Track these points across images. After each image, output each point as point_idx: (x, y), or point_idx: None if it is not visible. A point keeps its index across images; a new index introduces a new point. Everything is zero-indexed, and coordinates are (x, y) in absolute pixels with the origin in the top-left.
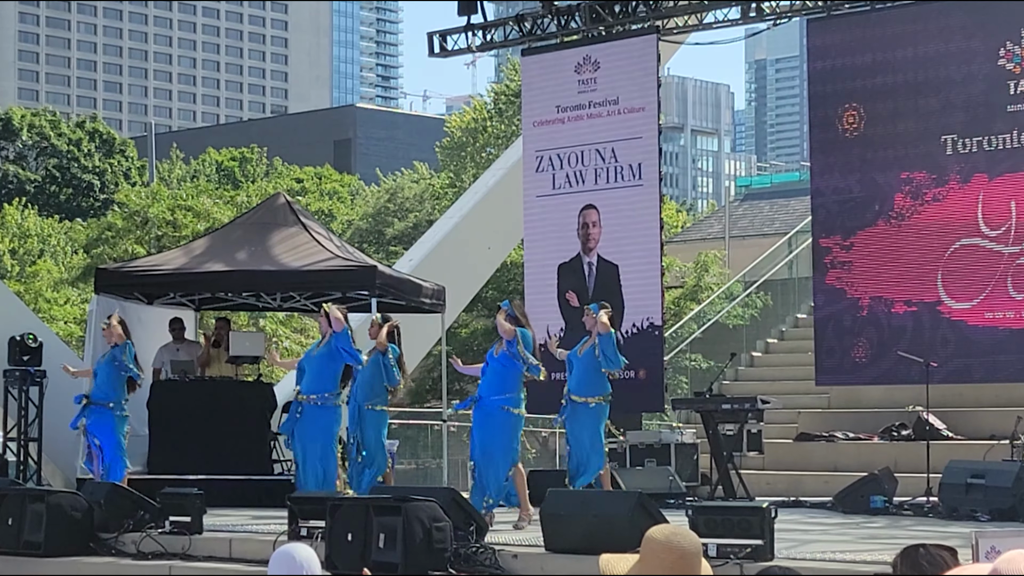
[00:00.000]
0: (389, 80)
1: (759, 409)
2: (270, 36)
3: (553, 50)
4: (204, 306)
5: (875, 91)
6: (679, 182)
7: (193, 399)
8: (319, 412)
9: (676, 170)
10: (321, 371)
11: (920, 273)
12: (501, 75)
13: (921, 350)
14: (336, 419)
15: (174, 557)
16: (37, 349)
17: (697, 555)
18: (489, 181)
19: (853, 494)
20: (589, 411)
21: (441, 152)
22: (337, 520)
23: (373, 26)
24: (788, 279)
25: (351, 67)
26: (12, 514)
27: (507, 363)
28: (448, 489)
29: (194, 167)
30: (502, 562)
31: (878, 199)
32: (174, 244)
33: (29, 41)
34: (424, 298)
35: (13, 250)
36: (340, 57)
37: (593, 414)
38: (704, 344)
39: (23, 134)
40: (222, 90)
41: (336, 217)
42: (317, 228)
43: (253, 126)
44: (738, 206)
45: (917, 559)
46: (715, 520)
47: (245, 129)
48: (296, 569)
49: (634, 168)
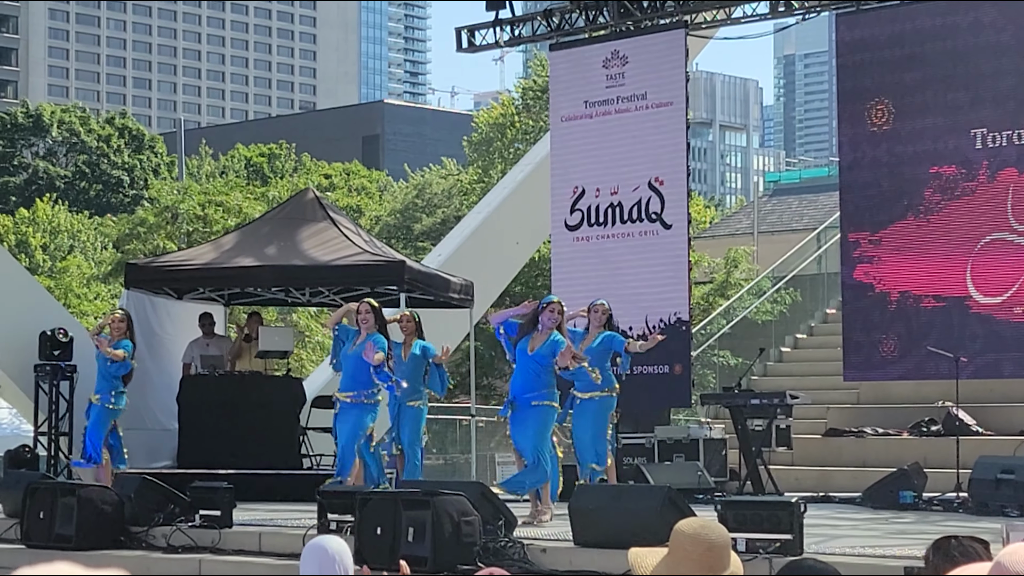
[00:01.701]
0: (417, 76)
1: (788, 404)
2: (298, 32)
3: (581, 45)
4: (234, 301)
5: (904, 85)
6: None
7: (222, 394)
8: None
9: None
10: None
11: (949, 268)
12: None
13: (950, 345)
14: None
15: (204, 551)
16: (68, 344)
17: (726, 549)
18: (517, 176)
19: (882, 490)
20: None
21: (469, 148)
22: (366, 514)
23: (401, 22)
24: (817, 274)
25: (379, 63)
26: (43, 508)
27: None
28: (477, 483)
29: (223, 163)
30: (531, 556)
31: (907, 194)
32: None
33: (59, 38)
34: (453, 293)
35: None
36: (368, 53)
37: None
38: (732, 340)
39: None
40: (251, 86)
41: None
42: (346, 223)
43: (281, 122)
44: (766, 201)
45: (949, 551)
46: (744, 515)
47: (273, 125)
48: (328, 561)
49: (662, 164)
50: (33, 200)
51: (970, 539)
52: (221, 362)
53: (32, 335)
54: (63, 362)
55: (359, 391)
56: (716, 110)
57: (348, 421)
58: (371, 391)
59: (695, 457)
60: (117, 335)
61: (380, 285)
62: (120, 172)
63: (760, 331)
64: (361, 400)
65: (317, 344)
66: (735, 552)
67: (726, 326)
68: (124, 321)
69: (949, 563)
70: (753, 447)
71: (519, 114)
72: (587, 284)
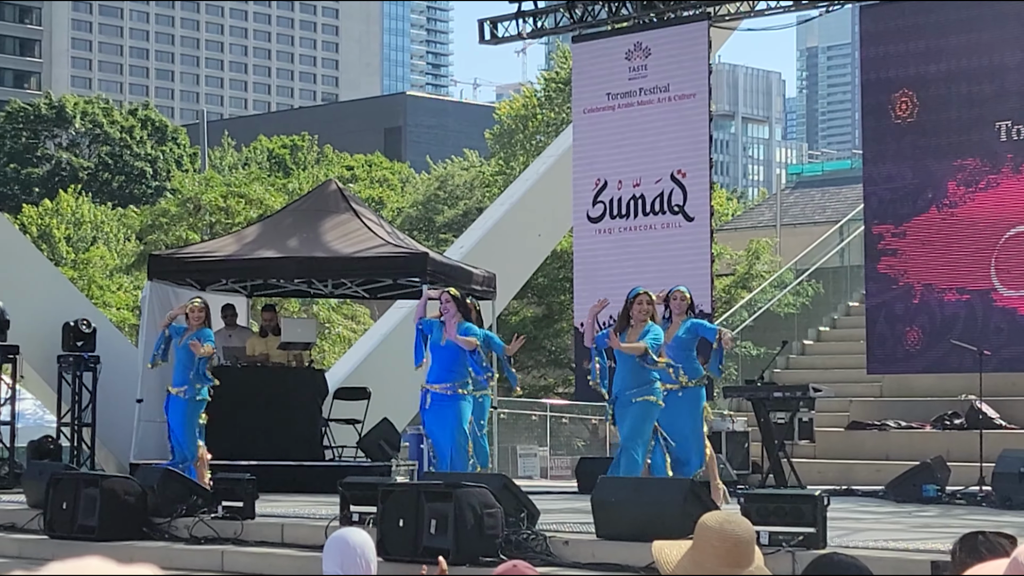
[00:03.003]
0: (439, 68)
1: (811, 397)
2: (321, 24)
3: (604, 37)
4: (256, 292)
5: (928, 78)
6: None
7: (245, 385)
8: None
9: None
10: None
11: (973, 261)
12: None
13: (974, 338)
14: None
15: (226, 542)
16: (91, 335)
17: (750, 542)
18: (540, 168)
19: (905, 483)
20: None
21: (491, 140)
22: (389, 506)
23: (424, 14)
24: (840, 267)
25: (401, 55)
26: (67, 498)
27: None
28: (499, 475)
29: (245, 155)
30: (553, 549)
31: (931, 186)
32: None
33: (82, 29)
34: (475, 285)
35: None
36: (390, 45)
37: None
38: (755, 332)
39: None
40: (273, 78)
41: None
42: (368, 215)
43: (304, 114)
44: (789, 194)
45: (976, 546)
46: (767, 508)
47: (296, 117)
48: (350, 554)
49: (684, 156)
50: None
51: (997, 535)
52: (244, 353)
53: (55, 326)
54: (86, 353)
55: (454, 382)
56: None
57: (448, 415)
58: (465, 380)
59: (718, 450)
60: (197, 324)
61: (403, 277)
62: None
63: (783, 323)
64: (456, 391)
65: (338, 336)
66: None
67: (749, 318)
68: (204, 310)
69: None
70: (776, 440)
71: (541, 106)
72: (609, 276)
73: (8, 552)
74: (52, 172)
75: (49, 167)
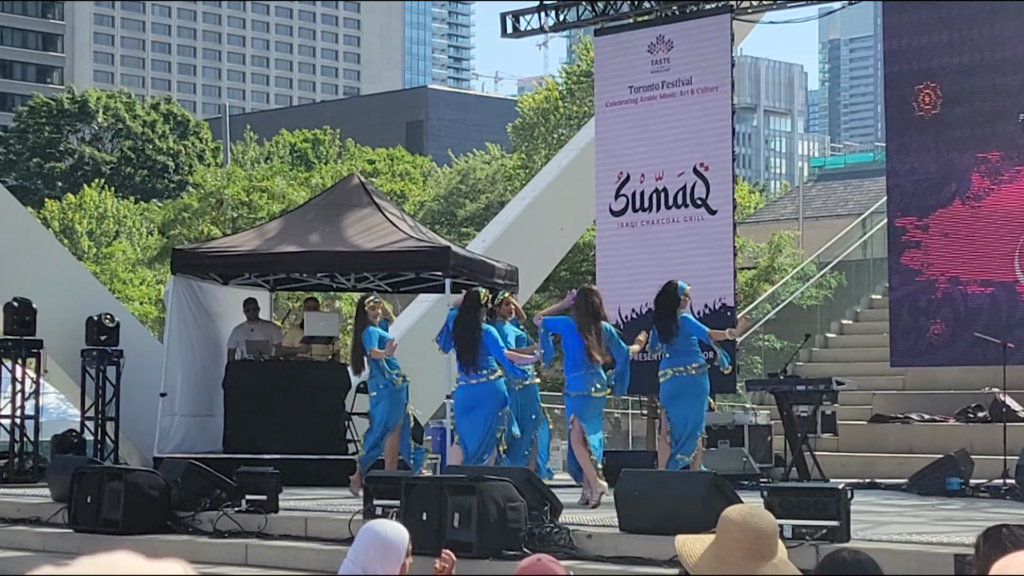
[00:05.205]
0: (461, 61)
1: (834, 390)
2: (342, 18)
3: (626, 30)
4: (279, 287)
5: (952, 70)
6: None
7: (268, 379)
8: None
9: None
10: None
11: (996, 254)
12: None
13: (997, 331)
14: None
15: (250, 536)
16: (114, 329)
17: (774, 535)
18: (562, 162)
19: (929, 476)
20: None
21: (513, 133)
22: (412, 499)
23: (445, 7)
24: (862, 260)
25: (423, 48)
26: (91, 492)
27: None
28: (522, 469)
29: (267, 149)
30: (577, 542)
31: (954, 179)
32: (249, 225)
33: (104, 24)
34: (497, 278)
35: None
36: (412, 38)
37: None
38: (778, 325)
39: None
40: (295, 72)
41: (408, 198)
42: (391, 209)
43: (326, 108)
44: (812, 187)
45: (1000, 539)
46: (791, 501)
47: (318, 111)
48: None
49: (707, 149)
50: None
51: (1021, 528)
52: (266, 347)
53: (79, 320)
54: (109, 347)
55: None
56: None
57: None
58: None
59: (740, 443)
60: (374, 319)
61: (425, 271)
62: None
63: (806, 316)
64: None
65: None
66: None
67: (772, 311)
68: (380, 304)
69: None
70: (799, 433)
71: (563, 99)
72: (632, 270)
73: (32, 546)
74: (75, 167)
75: (72, 162)
